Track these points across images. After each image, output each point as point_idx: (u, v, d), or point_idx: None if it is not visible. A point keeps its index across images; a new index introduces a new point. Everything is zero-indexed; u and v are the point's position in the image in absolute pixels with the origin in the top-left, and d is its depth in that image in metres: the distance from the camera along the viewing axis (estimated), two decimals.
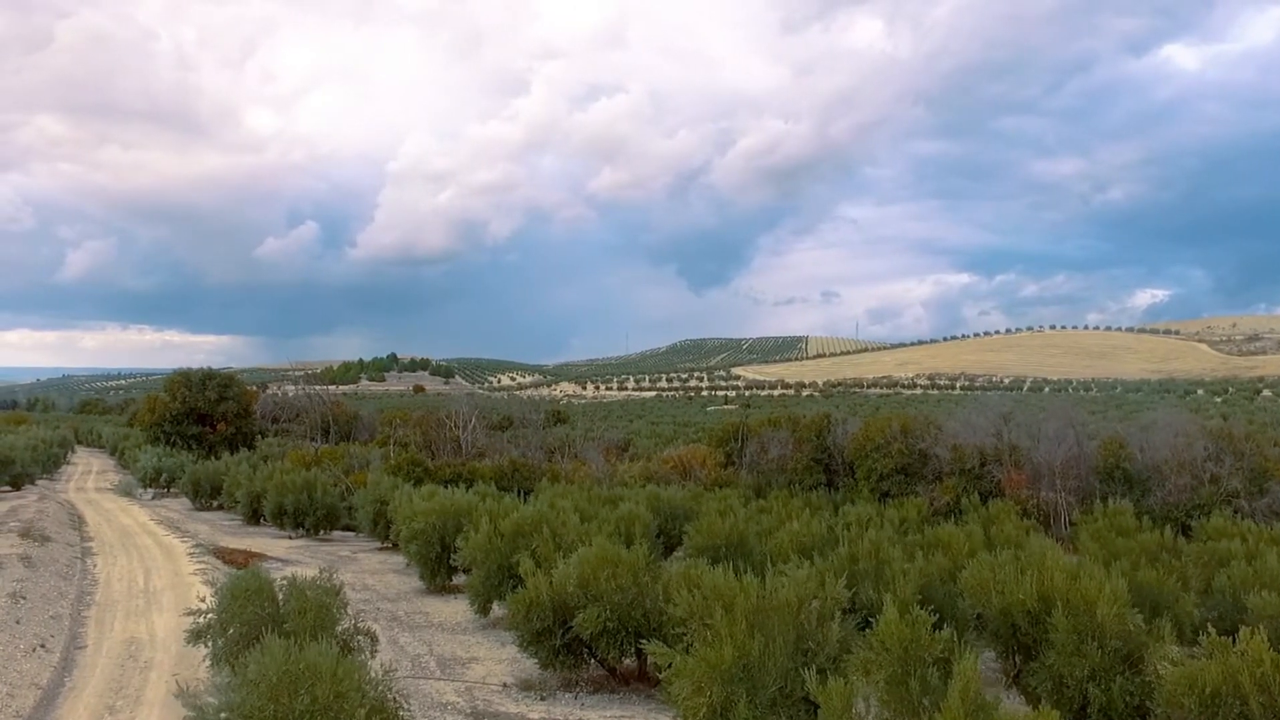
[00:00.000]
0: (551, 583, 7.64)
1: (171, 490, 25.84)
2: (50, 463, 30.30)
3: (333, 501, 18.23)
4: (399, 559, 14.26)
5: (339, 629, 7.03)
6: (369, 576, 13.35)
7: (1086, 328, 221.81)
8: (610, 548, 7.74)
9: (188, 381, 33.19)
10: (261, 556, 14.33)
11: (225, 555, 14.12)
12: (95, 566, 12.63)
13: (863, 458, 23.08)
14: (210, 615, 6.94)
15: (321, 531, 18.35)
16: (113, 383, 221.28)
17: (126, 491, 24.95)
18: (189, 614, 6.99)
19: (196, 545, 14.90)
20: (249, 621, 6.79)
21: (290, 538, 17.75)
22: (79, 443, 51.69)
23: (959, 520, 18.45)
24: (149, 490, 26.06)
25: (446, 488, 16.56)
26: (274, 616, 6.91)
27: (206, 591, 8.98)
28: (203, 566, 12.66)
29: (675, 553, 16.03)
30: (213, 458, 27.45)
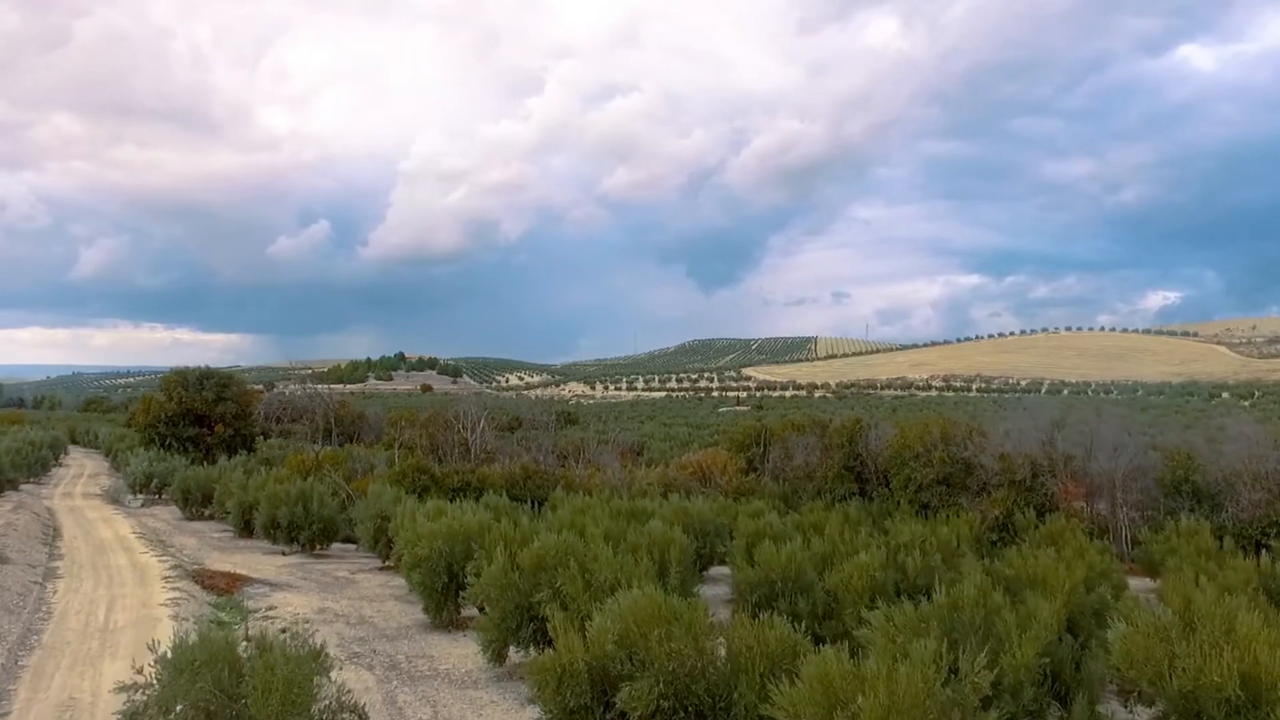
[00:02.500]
0: (587, 642, 6.03)
1: (163, 496, 24.31)
2: (38, 466, 28.81)
3: (330, 514, 16.65)
4: (402, 582, 12.67)
5: (317, 708, 5.47)
6: (367, 605, 11.78)
7: (1103, 329, 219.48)
8: (660, 598, 6.12)
9: (184, 381, 31.72)
10: (247, 580, 12.79)
11: (206, 579, 12.55)
12: (54, 594, 11.09)
13: (899, 466, 21.39)
14: (150, 690, 5.40)
15: (318, 546, 16.77)
16: (120, 380, 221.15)
17: (114, 498, 23.42)
18: (122, 689, 5.42)
19: (175, 566, 13.34)
20: (197, 702, 5.21)
21: (284, 554, 16.20)
22: (76, 443, 50.38)
23: (1013, 538, 16.82)
24: (139, 497, 24.56)
25: (454, 499, 14.97)
26: (230, 694, 5.33)
27: (169, 628, 7.51)
28: (176, 595, 11.09)
29: (708, 570, 14.49)
30: (209, 461, 25.96)
